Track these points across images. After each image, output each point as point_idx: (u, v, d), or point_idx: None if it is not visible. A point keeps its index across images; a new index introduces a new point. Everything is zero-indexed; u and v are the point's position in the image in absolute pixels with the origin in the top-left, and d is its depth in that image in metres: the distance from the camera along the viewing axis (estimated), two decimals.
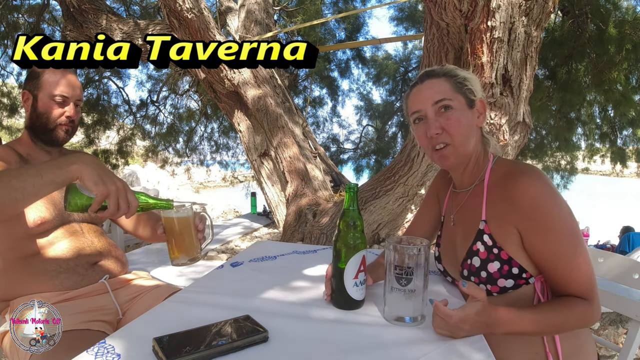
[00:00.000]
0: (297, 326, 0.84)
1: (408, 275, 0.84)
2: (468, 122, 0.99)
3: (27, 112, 1.29)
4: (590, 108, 5.90)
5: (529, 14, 2.34)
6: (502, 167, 1.00)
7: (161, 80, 8.33)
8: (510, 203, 0.91)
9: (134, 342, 0.76)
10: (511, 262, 0.92)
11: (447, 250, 1.11)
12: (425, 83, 1.02)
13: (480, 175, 1.03)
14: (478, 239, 0.97)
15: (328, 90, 9.52)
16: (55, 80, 1.27)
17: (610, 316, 2.58)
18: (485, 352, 0.74)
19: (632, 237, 4.26)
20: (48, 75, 1.28)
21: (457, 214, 1.09)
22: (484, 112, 1.03)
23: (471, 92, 1.01)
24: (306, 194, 3.62)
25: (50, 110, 1.27)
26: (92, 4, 4.16)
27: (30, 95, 1.28)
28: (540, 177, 0.89)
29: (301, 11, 6.89)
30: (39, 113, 1.27)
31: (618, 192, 17.85)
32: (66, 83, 1.29)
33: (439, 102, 0.98)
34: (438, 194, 1.22)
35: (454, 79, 1.00)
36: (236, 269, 1.23)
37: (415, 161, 2.86)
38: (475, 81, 1.04)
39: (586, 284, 0.87)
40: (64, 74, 1.30)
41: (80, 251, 1.25)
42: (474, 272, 0.96)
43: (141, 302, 1.28)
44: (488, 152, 1.05)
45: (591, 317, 0.87)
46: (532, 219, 0.88)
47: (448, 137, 0.98)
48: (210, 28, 3.45)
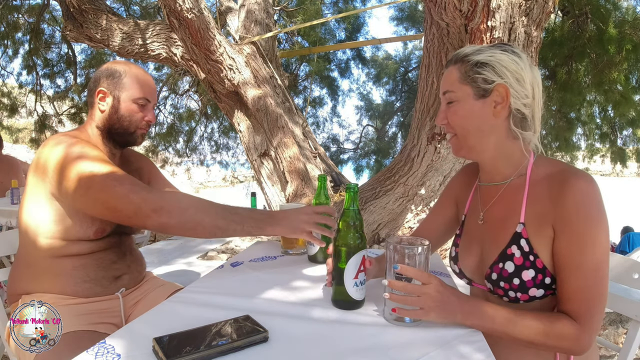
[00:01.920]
0: (297, 326, 0.84)
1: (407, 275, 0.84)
2: (474, 115, 0.93)
3: (101, 112, 1.23)
4: (590, 108, 5.90)
5: (529, 14, 2.34)
6: (549, 166, 0.93)
7: (161, 80, 8.33)
8: (554, 201, 0.86)
9: (134, 342, 0.76)
10: (545, 271, 0.87)
11: (469, 250, 1.04)
12: (447, 69, 0.99)
13: (518, 171, 0.96)
14: (514, 242, 0.91)
15: (328, 90, 9.53)
16: (139, 82, 1.23)
17: (610, 316, 2.58)
18: (486, 353, 0.74)
19: (632, 237, 4.26)
20: (131, 75, 1.22)
21: (487, 212, 1.01)
22: (507, 99, 0.91)
23: (485, 80, 0.91)
24: (306, 194, 3.62)
25: (133, 113, 1.22)
26: (92, 4, 4.16)
27: (109, 95, 1.22)
28: (594, 186, 0.84)
29: (301, 11, 6.89)
30: (121, 115, 1.22)
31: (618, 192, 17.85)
32: (149, 86, 1.25)
33: (445, 93, 0.97)
34: (457, 195, 1.17)
35: (467, 66, 0.93)
36: (236, 269, 1.23)
37: (415, 161, 2.86)
38: (500, 62, 0.91)
39: (587, 308, 0.82)
40: (146, 77, 1.26)
41: (112, 264, 1.22)
42: (506, 277, 0.90)
43: (143, 303, 1.28)
44: (521, 145, 0.95)
45: (577, 344, 0.81)
46: (569, 221, 0.84)
47: (451, 128, 0.98)
48: (210, 28, 3.45)
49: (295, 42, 7.57)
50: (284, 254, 1.37)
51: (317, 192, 1.28)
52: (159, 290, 1.32)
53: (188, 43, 3.53)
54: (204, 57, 3.64)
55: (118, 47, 4.20)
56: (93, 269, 1.18)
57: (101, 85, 1.22)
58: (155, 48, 4.22)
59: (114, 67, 1.24)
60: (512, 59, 0.91)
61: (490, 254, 0.96)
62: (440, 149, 2.69)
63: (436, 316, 0.82)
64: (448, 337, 0.80)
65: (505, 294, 0.92)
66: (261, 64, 4.14)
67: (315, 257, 1.27)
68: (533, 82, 0.93)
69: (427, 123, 2.77)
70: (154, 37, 4.22)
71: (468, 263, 1.04)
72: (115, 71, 1.23)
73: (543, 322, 0.82)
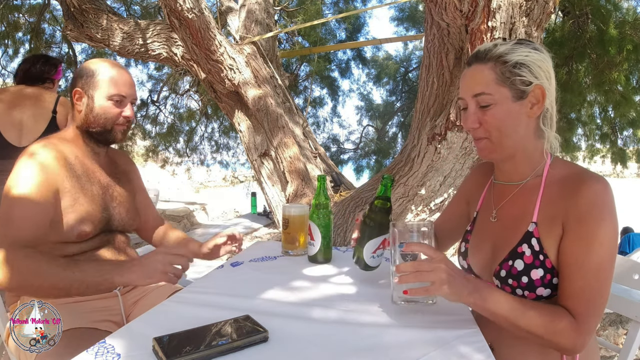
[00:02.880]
0: (297, 326, 0.84)
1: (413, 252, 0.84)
2: (512, 117, 0.91)
3: (79, 112, 1.23)
4: (591, 108, 5.90)
5: (530, 15, 2.34)
6: (564, 168, 0.93)
7: (162, 80, 8.34)
8: (567, 201, 0.86)
9: (134, 341, 0.76)
10: (553, 271, 0.88)
11: (479, 247, 1.04)
12: (472, 67, 0.94)
13: (535, 171, 0.95)
14: (525, 241, 0.91)
15: (328, 91, 9.54)
16: (112, 79, 1.22)
17: (610, 317, 2.58)
18: (485, 353, 0.74)
19: (632, 237, 4.26)
20: (104, 73, 1.22)
21: (501, 210, 1.01)
22: (543, 99, 0.91)
23: (523, 82, 0.89)
24: (306, 194, 3.62)
25: (108, 111, 1.22)
26: (92, 4, 4.16)
27: (84, 95, 1.22)
28: (608, 189, 0.84)
29: (302, 11, 6.89)
30: (96, 114, 1.22)
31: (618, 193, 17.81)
32: (123, 82, 1.24)
33: (478, 95, 0.91)
34: (469, 193, 1.18)
35: (503, 67, 0.89)
36: (236, 269, 1.23)
37: (416, 161, 2.86)
38: (536, 62, 0.90)
39: (585, 308, 0.82)
40: (120, 72, 1.24)
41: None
42: (514, 275, 0.90)
43: (143, 302, 1.28)
44: (543, 145, 0.96)
45: (570, 342, 0.81)
46: (579, 220, 0.84)
47: (485, 132, 0.93)
48: (210, 28, 3.45)
49: (296, 42, 7.57)
50: (284, 254, 1.37)
51: (317, 192, 1.28)
52: (159, 290, 1.32)
53: (188, 43, 3.53)
54: (204, 57, 3.64)
55: (118, 47, 4.20)
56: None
57: (77, 85, 1.22)
58: (156, 48, 4.22)
59: (87, 66, 1.24)
60: (542, 58, 0.91)
61: (501, 252, 0.96)
62: (441, 150, 2.69)
63: (448, 289, 0.79)
64: (448, 338, 0.79)
65: (512, 292, 0.92)
66: (261, 64, 4.15)
67: (315, 257, 1.27)
68: (554, 78, 0.94)
69: (427, 123, 2.77)
70: (155, 37, 4.22)
71: (477, 260, 1.04)
72: (88, 70, 1.22)
73: (545, 315, 0.81)
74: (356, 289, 1.07)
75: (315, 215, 1.26)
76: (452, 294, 0.80)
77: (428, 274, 0.80)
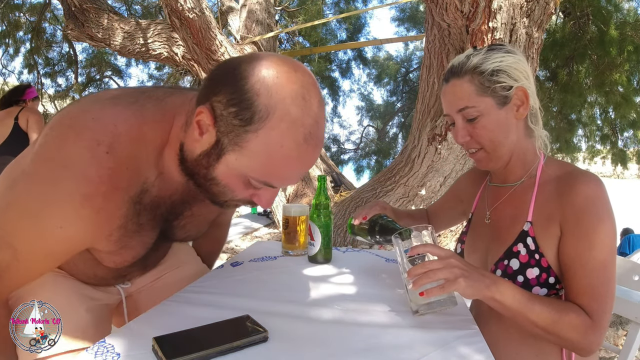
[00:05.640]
0: (297, 326, 0.84)
1: (421, 255, 0.84)
2: (501, 125, 0.92)
3: (189, 142, 0.76)
4: (591, 109, 5.90)
5: (530, 15, 2.34)
6: (557, 167, 0.94)
7: (162, 79, 8.35)
8: (562, 200, 0.86)
9: (133, 341, 0.76)
10: (549, 270, 0.88)
11: (474, 247, 1.05)
12: (450, 83, 0.95)
13: (529, 172, 0.96)
14: (520, 240, 0.91)
15: (329, 91, 9.55)
16: (288, 157, 0.71)
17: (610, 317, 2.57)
18: (485, 354, 0.74)
19: (632, 238, 4.26)
20: (281, 134, 0.67)
21: (494, 211, 1.02)
22: (526, 100, 0.92)
23: (504, 88, 0.90)
24: (306, 194, 3.62)
25: (234, 187, 0.76)
26: (93, 3, 4.17)
27: (215, 137, 0.71)
28: (602, 186, 0.85)
29: (302, 11, 6.90)
30: (213, 177, 0.75)
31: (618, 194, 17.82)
32: (299, 167, 0.76)
33: (463, 109, 0.92)
34: (462, 191, 1.19)
35: (481, 78, 0.90)
36: (236, 269, 1.22)
37: (416, 162, 2.86)
38: (512, 66, 0.91)
39: (598, 305, 0.81)
40: (309, 149, 0.73)
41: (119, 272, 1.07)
42: (510, 274, 0.90)
43: (144, 302, 1.26)
44: (534, 144, 0.97)
45: (585, 338, 0.79)
46: (577, 219, 0.84)
47: (478, 144, 0.94)
48: (211, 28, 3.45)
49: (297, 42, 7.58)
50: (284, 254, 1.37)
51: (317, 192, 1.28)
52: (159, 289, 1.31)
53: (189, 43, 3.53)
54: (205, 56, 3.64)
55: (119, 47, 4.21)
56: (101, 277, 1.05)
57: (214, 104, 0.68)
58: (157, 47, 4.23)
59: (266, 91, 0.65)
60: (516, 59, 0.92)
61: (496, 252, 0.96)
62: (441, 150, 2.69)
63: (464, 283, 0.78)
64: (448, 338, 0.79)
65: None
66: None
67: (315, 257, 1.27)
68: (532, 75, 0.94)
69: (427, 124, 2.77)
70: (155, 37, 4.22)
71: (473, 260, 1.04)
72: (260, 104, 0.65)
73: (555, 309, 0.81)
74: (356, 289, 1.07)
75: (316, 216, 1.26)
76: (468, 287, 0.78)
77: (440, 271, 0.79)
